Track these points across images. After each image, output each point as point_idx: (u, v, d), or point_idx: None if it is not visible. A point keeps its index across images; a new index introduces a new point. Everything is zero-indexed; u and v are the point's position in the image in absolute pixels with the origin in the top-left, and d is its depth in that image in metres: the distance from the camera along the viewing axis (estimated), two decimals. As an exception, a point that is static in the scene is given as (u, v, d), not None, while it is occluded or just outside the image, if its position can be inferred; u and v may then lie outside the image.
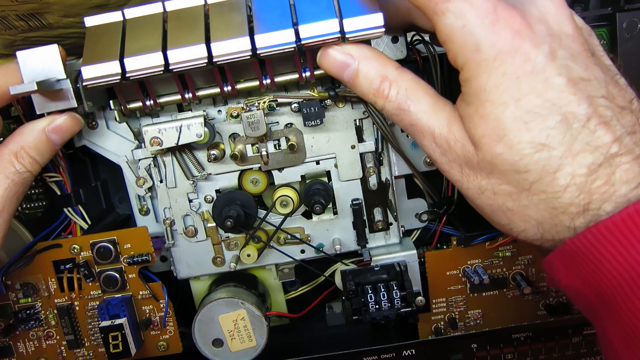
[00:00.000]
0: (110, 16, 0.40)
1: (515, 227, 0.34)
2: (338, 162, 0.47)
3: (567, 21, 0.33)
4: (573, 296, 0.34)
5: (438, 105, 0.36)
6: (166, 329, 0.51)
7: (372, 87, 0.37)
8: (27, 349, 0.52)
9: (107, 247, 0.48)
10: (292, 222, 0.49)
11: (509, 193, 0.33)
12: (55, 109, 0.42)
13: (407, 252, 0.49)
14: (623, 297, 0.30)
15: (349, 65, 0.37)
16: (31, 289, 0.50)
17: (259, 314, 0.48)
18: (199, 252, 0.49)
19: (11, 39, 0.48)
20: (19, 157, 0.41)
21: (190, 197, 0.48)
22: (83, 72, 0.38)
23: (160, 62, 0.38)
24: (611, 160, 0.31)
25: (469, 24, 0.32)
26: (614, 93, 0.32)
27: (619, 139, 0.31)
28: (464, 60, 0.33)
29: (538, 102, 0.31)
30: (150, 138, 0.43)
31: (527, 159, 0.32)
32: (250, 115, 0.43)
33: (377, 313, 0.46)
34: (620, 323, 0.31)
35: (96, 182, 0.53)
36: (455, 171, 0.36)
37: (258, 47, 0.37)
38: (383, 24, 0.37)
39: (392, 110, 0.37)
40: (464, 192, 0.37)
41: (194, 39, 0.38)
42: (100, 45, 0.39)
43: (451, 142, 0.35)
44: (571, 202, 0.31)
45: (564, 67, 0.31)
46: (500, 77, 0.32)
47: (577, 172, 0.31)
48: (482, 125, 0.33)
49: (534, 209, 0.33)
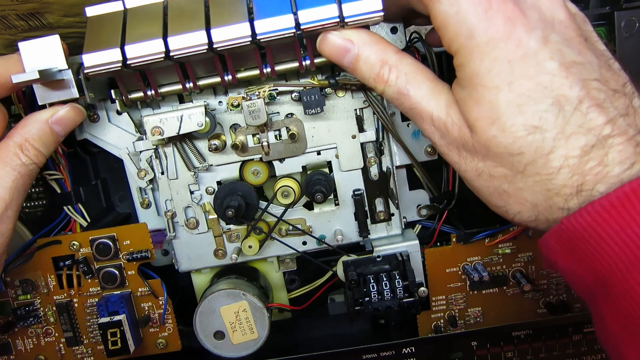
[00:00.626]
0: (111, 6, 0.41)
1: (510, 209, 0.35)
2: (339, 152, 0.47)
3: (559, 7, 0.34)
4: (569, 277, 0.34)
5: (437, 89, 0.36)
6: (165, 327, 0.51)
7: (372, 72, 0.37)
8: (26, 346, 0.52)
9: (106, 244, 0.48)
10: (293, 214, 0.49)
11: (504, 175, 0.34)
12: (57, 100, 0.42)
13: (409, 242, 0.49)
14: (619, 277, 0.30)
15: (349, 51, 0.38)
16: (30, 286, 0.50)
17: (260, 305, 0.47)
18: (201, 245, 0.49)
19: (11, 39, 0.49)
20: (24, 149, 0.41)
21: (191, 188, 0.48)
22: (84, 59, 0.38)
23: (161, 49, 0.38)
24: (604, 142, 0.31)
25: (462, 10, 0.32)
26: (607, 77, 0.32)
27: (612, 121, 0.31)
28: (458, 46, 0.33)
29: (530, 86, 0.32)
30: (152, 127, 0.44)
31: (520, 142, 0.32)
32: (251, 104, 0.43)
33: (379, 303, 0.46)
34: (617, 304, 0.30)
35: (96, 180, 0.53)
36: (453, 153, 0.36)
37: (258, 32, 0.38)
38: (382, 8, 0.37)
39: (392, 94, 0.37)
40: (462, 175, 0.37)
41: (194, 25, 0.38)
42: (102, 34, 0.39)
43: (449, 125, 0.35)
44: (564, 183, 0.31)
45: (556, 52, 0.32)
46: (493, 61, 0.32)
47: (570, 153, 0.31)
48: (476, 108, 0.33)
49: (528, 191, 0.33)
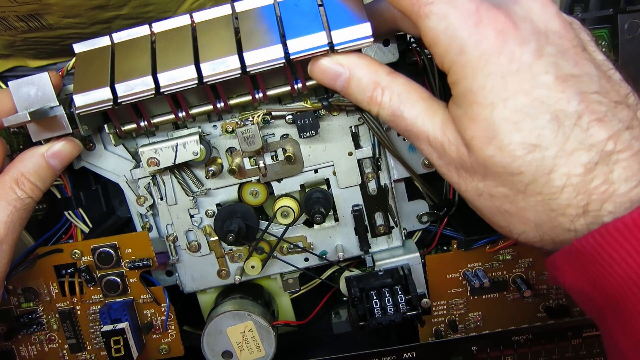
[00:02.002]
0: (98, 41, 0.40)
1: (514, 230, 0.34)
2: (336, 169, 0.47)
3: (553, 18, 0.32)
4: (577, 297, 0.33)
5: (433, 109, 0.35)
6: (168, 333, 0.51)
7: (365, 95, 0.37)
8: (29, 353, 0.52)
9: (108, 252, 0.48)
10: (294, 231, 0.49)
11: (505, 195, 0.33)
12: (50, 136, 0.42)
13: (410, 255, 0.49)
14: (632, 301, 0.29)
15: (340, 75, 0.37)
16: (33, 294, 0.50)
17: (266, 324, 0.48)
18: (204, 266, 0.50)
19: (11, 40, 0.48)
20: (19, 183, 0.41)
21: (191, 212, 0.48)
22: (75, 100, 0.38)
23: (151, 85, 0.38)
24: (608, 158, 0.30)
25: (452, 26, 0.31)
26: (608, 88, 0.31)
27: (615, 135, 0.30)
28: (450, 63, 0.32)
29: (526, 102, 0.31)
30: (147, 159, 0.44)
31: (519, 161, 0.31)
32: (245, 131, 0.43)
33: (382, 318, 0.46)
34: (629, 327, 0.30)
35: (96, 185, 0.52)
36: (452, 174, 0.36)
37: (247, 64, 0.37)
38: (371, 34, 0.36)
39: (387, 116, 0.37)
40: (462, 195, 0.36)
41: (183, 60, 0.38)
42: (91, 72, 0.39)
43: (445, 145, 0.35)
44: (569, 203, 0.30)
45: (551, 64, 0.31)
46: (486, 77, 0.31)
47: (573, 172, 0.30)
48: (472, 127, 0.32)
49: (531, 211, 0.32)
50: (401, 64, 0.47)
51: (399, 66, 0.47)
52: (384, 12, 0.39)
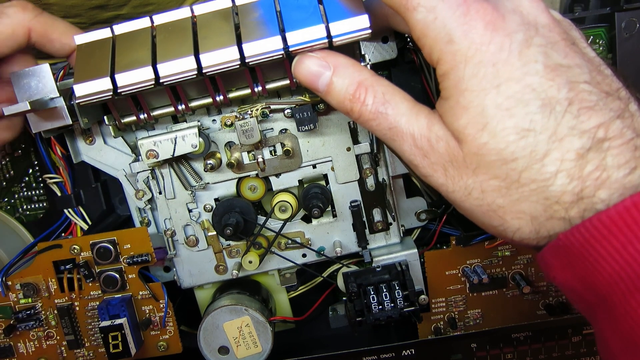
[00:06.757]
0: (99, 33, 0.41)
1: (509, 227, 0.33)
2: (334, 165, 0.48)
3: (541, 12, 0.33)
4: (569, 294, 0.33)
5: (416, 109, 0.35)
6: (166, 329, 0.51)
7: (348, 93, 0.36)
8: (28, 349, 0.52)
9: (107, 248, 0.48)
10: (292, 227, 0.49)
11: (497, 188, 0.32)
12: (51, 127, 0.42)
13: (408, 251, 0.49)
14: (620, 297, 0.29)
15: (323, 74, 0.36)
16: (32, 290, 0.50)
17: (262, 319, 0.48)
18: (201, 261, 0.50)
19: None
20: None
21: (189, 207, 0.48)
22: (75, 90, 0.38)
23: (150, 76, 0.38)
24: (600, 145, 0.30)
25: (440, 17, 0.32)
26: (599, 79, 0.31)
27: (607, 123, 0.30)
28: (439, 53, 0.32)
29: (518, 88, 0.31)
30: (146, 151, 0.44)
31: (513, 146, 0.31)
32: (244, 124, 0.43)
33: (380, 314, 0.46)
34: (617, 324, 0.29)
35: (96, 183, 0.53)
36: (438, 174, 0.34)
37: (246, 55, 0.37)
38: (369, 26, 0.37)
39: (369, 115, 0.35)
40: (450, 197, 0.35)
41: (183, 51, 0.38)
42: (91, 63, 0.39)
43: (433, 141, 0.34)
44: (563, 189, 0.30)
45: (540, 54, 0.31)
46: (477, 65, 0.31)
47: (566, 157, 0.30)
48: (464, 115, 0.32)
49: (525, 202, 0.32)
50: (399, 62, 0.47)
51: (397, 64, 0.48)
52: (376, 9, 0.39)
